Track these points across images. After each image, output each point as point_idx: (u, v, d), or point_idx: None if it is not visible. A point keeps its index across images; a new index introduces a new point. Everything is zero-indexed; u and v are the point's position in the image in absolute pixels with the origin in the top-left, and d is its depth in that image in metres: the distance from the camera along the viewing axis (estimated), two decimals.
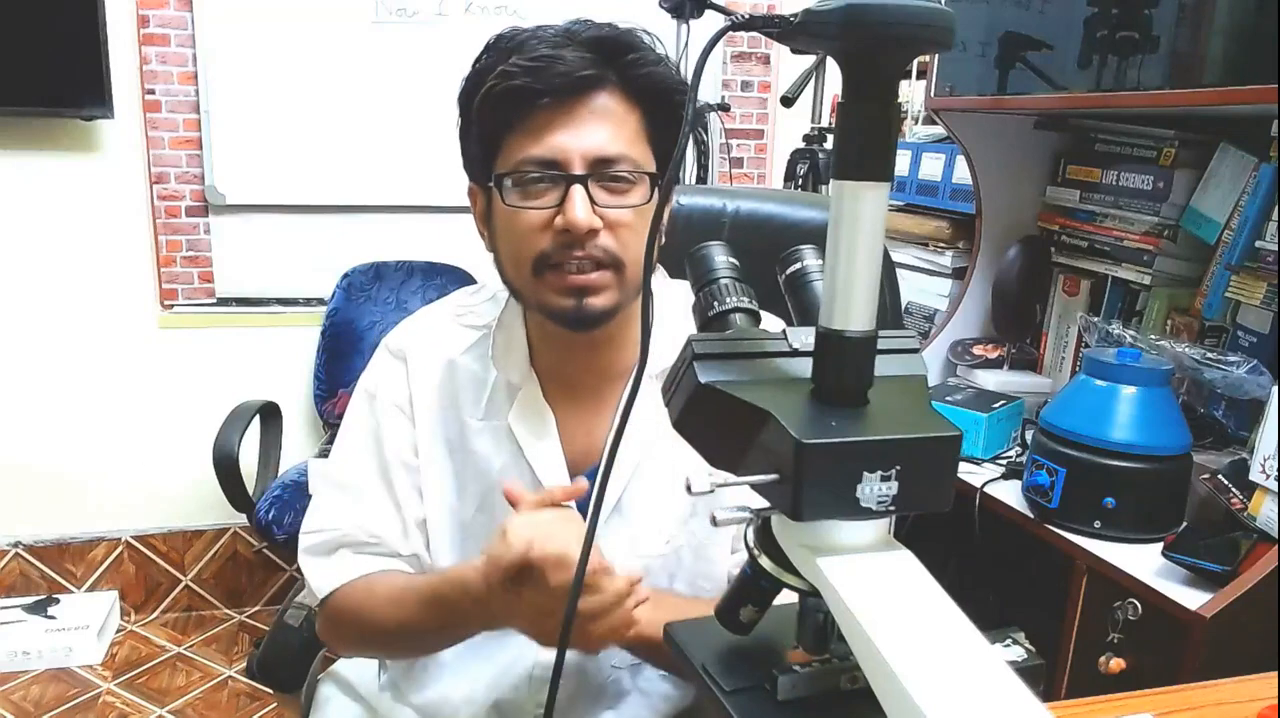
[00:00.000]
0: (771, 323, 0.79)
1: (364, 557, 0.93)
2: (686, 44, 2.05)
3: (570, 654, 0.91)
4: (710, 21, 1.91)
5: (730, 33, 0.54)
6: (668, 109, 0.87)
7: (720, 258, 0.64)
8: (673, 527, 0.94)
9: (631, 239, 0.85)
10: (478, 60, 0.87)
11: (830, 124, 2.36)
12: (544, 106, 0.82)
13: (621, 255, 0.85)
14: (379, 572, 0.92)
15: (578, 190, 0.82)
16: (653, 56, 0.86)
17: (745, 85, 2.71)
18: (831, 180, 0.51)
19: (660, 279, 0.97)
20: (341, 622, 0.94)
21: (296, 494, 2.01)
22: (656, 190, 0.86)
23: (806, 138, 2.37)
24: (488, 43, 0.87)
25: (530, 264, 0.85)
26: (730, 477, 0.53)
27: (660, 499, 0.93)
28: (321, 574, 0.93)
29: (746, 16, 0.51)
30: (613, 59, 0.84)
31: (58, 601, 2.45)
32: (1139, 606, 1.17)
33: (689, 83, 0.56)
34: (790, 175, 2.36)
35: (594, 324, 0.87)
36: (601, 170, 0.83)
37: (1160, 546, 1.19)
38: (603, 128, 0.83)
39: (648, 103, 0.86)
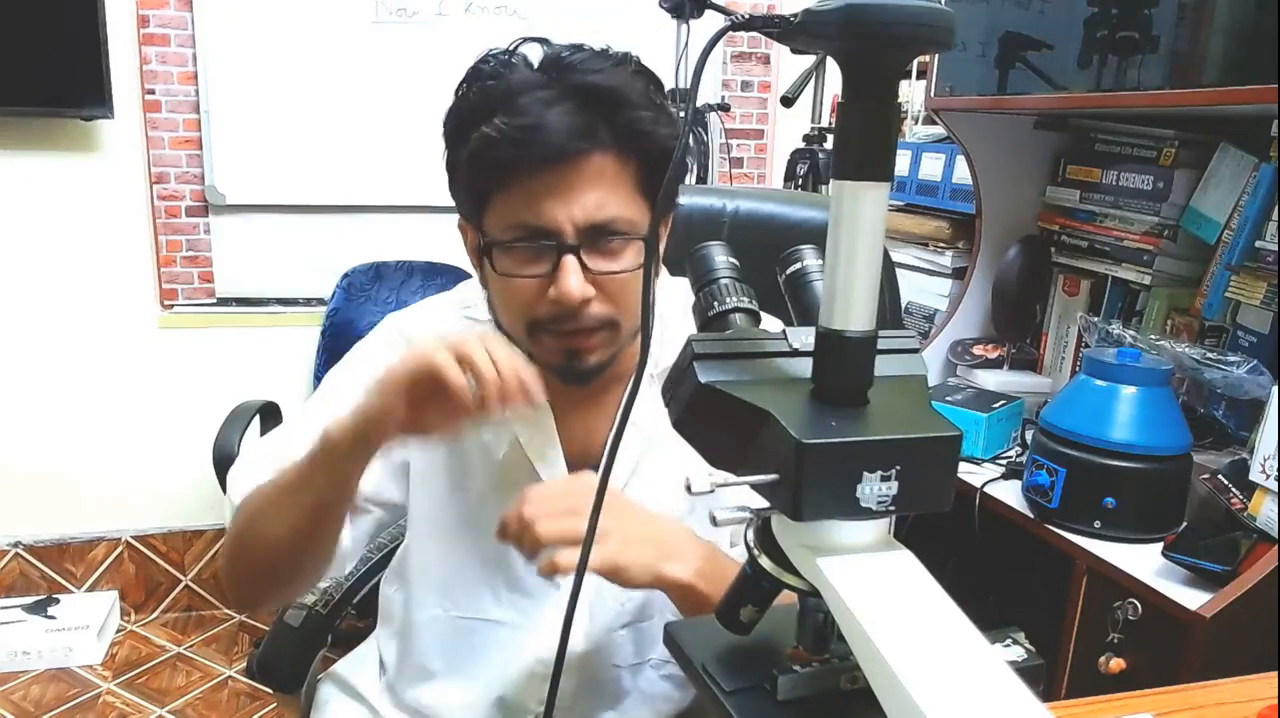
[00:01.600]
0: (771, 324, 0.79)
1: None
2: (686, 44, 2.05)
3: (571, 653, 0.92)
4: (710, 21, 1.91)
5: (730, 33, 0.54)
6: (664, 166, 0.82)
7: (720, 258, 0.64)
8: None
9: (627, 298, 0.83)
10: (460, 90, 0.83)
11: (830, 124, 2.36)
12: (533, 172, 0.78)
13: (617, 317, 0.84)
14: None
15: (570, 262, 0.80)
16: (648, 116, 0.81)
17: (745, 85, 2.71)
18: (831, 180, 0.51)
19: (661, 278, 0.97)
20: (235, 518, 0.88)
21: None
22: (650, 231, 0.83)
23: (806, 138, 2.37)
24: (469, 74, 0.83)
25: (524, 326, 0.84)
26: (730, 477, 0.53)
27: (659, 499, 0.93)
28: (242, 484, 0.88)
29: (746, 16, 0.51)
30: (606, 117, 0.79)
31: (58, 601, 2.44)
32: (1139, 606, 1.17)
33: (689, 83, 0.56)
34: (790, 175, 2.36)
35: (587, 380, 0.87)
36: (594, 238, 0.80)
37: (1160, 546, 1.19)
38: (595, 191, 0.80)
39: (642, 157, 0.82)
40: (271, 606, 0.96)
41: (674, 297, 0.92)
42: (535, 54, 0.82)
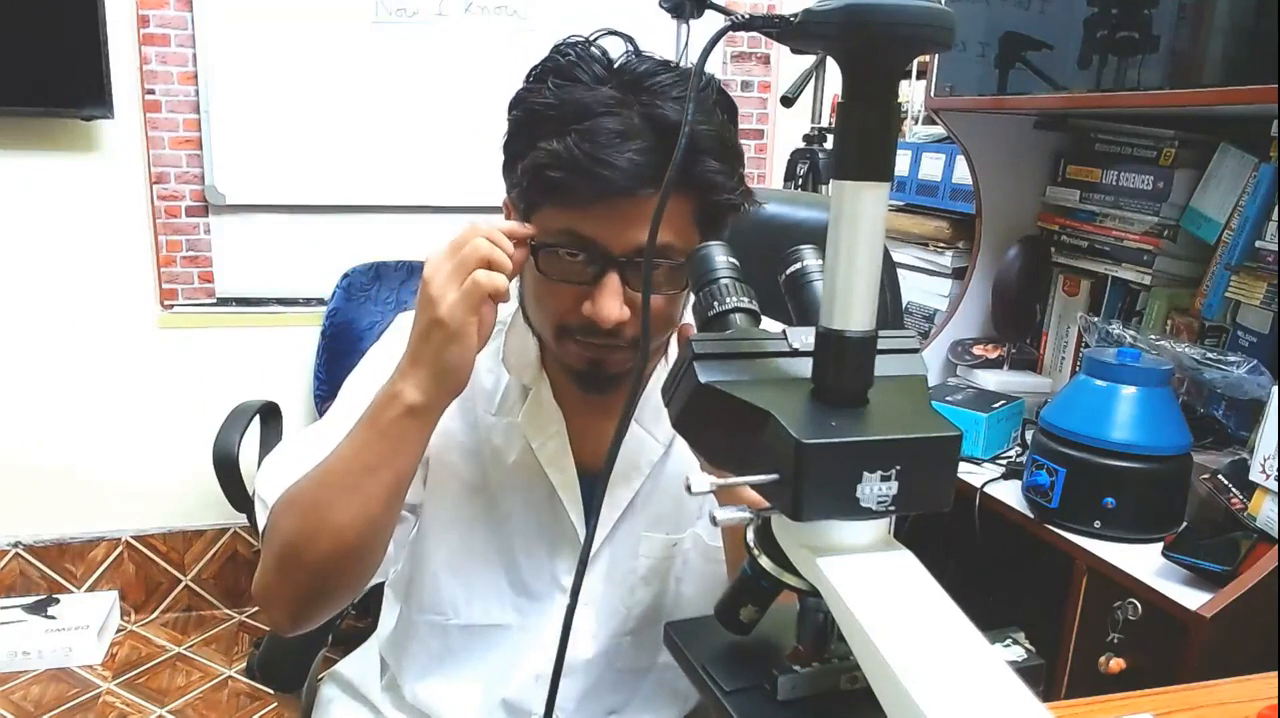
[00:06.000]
0: (771, 325, 0.79)
1: None
2: (686, 44, 2.05)
3: (576, 658, 0.92)
4: (710, 21, 1.91)
5: (730, 33, 0.54)
6: (723, 204, 0.82)
7: (720, 258, 0.64)
8: (681, 528, 0.94)
9: (659, 321, 0.84)
10: (531, 75, 0.83)
11: (830, 124, 2.36)
12: (593, 201, 0.77)
13: None
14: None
15: (612, 280, 0.79)
16: (717, 168, 0.80)
17: (745, 85, 2.71)
18: (831, 180, 0.51)
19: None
20: (278, 521, 0.82)
21: None
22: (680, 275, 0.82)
23: (806, 138, 2.37)
24: (546, 63, 0.82)
25: (553, 328, 0.84)
26: (730, 477, 0.53)
27: (671, 500, 0.93)
28: (274, 484, 0.85)
29: (746, 16, 0.52)
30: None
31: (58, 601, 2.45)
32: (1139, 606, 1.17)
33: (690, 83, 0.56)
34: (790, 175, 2.36)
35: (604, 390, 0.86)
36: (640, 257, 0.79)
37: (1160, 546, 1.19)
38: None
39: (703, 194, 0.81)
40: (323, 616, 0.85)
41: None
42: (615, 49, 0.81)
